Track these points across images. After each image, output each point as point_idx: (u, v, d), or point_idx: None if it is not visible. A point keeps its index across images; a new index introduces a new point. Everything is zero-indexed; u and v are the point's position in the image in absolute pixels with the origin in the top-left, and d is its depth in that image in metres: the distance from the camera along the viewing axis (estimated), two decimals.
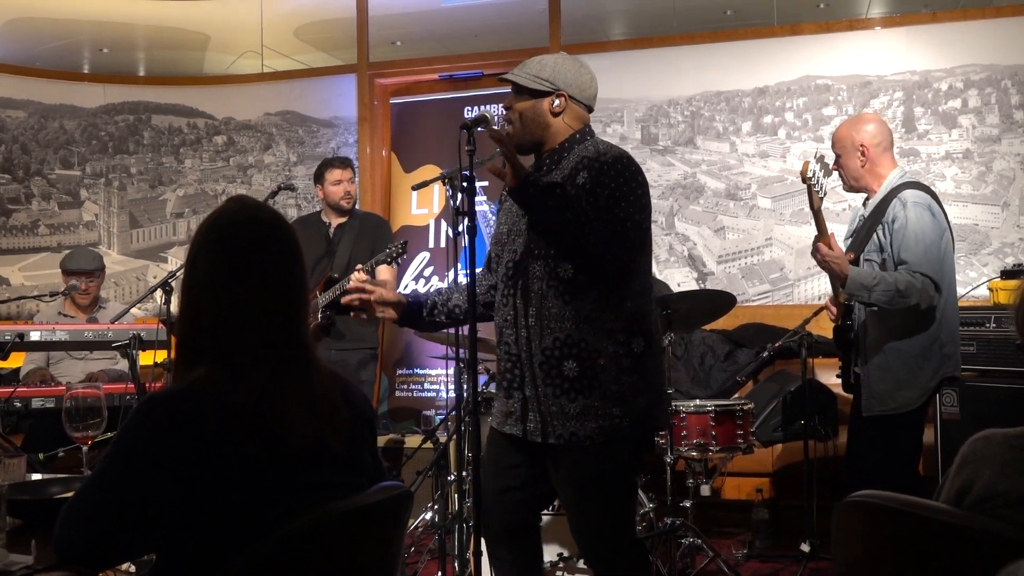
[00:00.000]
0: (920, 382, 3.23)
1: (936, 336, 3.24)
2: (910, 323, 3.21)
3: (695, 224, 5.87)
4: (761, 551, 4.42)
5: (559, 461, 2.52)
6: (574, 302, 2.47)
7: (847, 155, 3.39)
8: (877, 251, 3.27)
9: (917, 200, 3.21)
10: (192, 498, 1.49)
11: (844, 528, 1.66)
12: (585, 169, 2.50)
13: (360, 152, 6.47)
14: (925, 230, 3.17)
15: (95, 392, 2.24)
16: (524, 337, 2.50)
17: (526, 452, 2.59)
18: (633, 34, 6.59)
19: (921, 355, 3.22)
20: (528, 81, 2.57)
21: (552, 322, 2.47)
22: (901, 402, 3.23)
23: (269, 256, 1.64)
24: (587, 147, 2.57)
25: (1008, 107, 5.37)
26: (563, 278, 2.47)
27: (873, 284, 3.10)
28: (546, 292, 2.48)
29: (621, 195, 2.44)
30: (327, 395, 1.62)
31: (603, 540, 2.54)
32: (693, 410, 3.87)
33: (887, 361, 3.24)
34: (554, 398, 2.48)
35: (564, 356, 2.47)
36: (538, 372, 2.49)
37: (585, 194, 2.46)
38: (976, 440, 1.55)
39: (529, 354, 2.50)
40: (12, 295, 6.29)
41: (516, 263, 2.56)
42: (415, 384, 6.30)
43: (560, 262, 2.47)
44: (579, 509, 2.53)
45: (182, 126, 6.95)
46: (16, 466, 2.00)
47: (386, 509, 1.65)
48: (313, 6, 6.67)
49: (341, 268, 4.46)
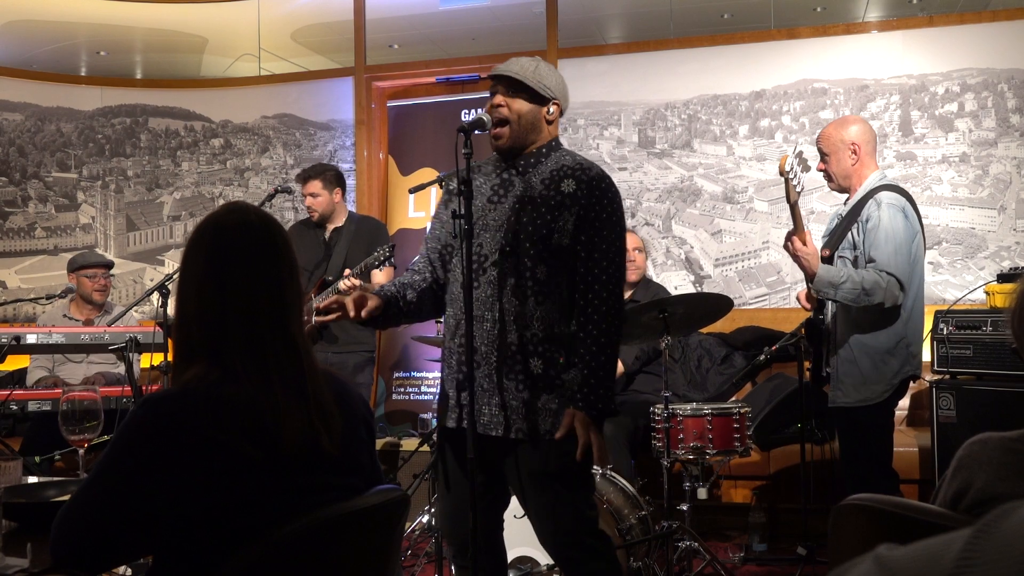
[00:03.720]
0: (885, 378, 3.36)
1: (902, 334, 3.37)
2: (877, 320, 3.34)
3: (692, 227, 5.88)
4: (758, 554, 4.42)
5: (520, 457, 2.54)
6: (545, 303, 2.53)
7: (838, 153, 3.48)
8: (850, 248, 3.39)
9: (892, 202, 3.33)
10: (188, 500, 1.49)
11: (841, 531, 1.66)
12: (571, 179, 2.57)
13: (357, 155, 6.48)
14: (897, 231, 3.29)
15: (92, 395, 2.23)
16: (483, 331, 2.52)
17: (480, 453, 2.54)
18: (630, 37, 6.60)
19: (887, 351, 3.36)
20: (537, 86, 2.60)
21: (522, 320, 2.52)
22: (865, 395, 3.36)
23: (258, 258, 1.65)
24: (563, 155, 2.65)
25: (1005, 111, 5.38)
26: (539, 279, 2.53)
27: (840, 282, 3.23)
28: (518, 291, 2.52)
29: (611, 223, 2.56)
30: (320, 395, 1.63)
31: (569, 532, 2.55)
32: (690, 413, 3.87)
33: (853, 355, 3.38)
34: (517, 392, 2.52)
35: (531, 354, 2.51)
36: (500, 367, 2.52)
37: (572, 203, 2.54)
38: (972, 443, 1.55)
39: (490, 349, 2.52)
40: (9, 298, 6.28)
41: (488, 260, 2.55)
42: (412, 387, 6.29)
43: (538, 264, 2.52)
44: (541, 503, 2.54)
45: (179, 129, 6.95)
46: (12, 469, 1.99)
47: (383, 512, 1.65)
48: (310, 9, 6.68)
49: (336, 271, 4.46)
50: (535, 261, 2.52)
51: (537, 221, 2.53)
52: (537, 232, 2.52)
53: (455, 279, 2.62)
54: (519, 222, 2.54)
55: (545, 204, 2.55)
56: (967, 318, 4.06)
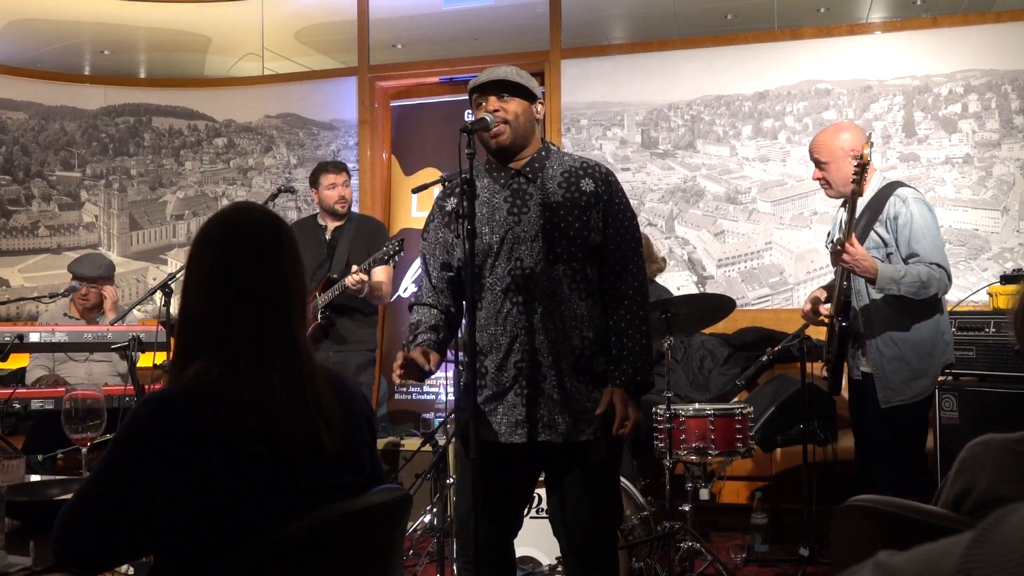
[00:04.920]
0: (932, 371, 3.40)
1: (939, 324, 3.41)
2: (921, 314, 3.36)
3: (695, 228, 5.87)
4: (760, 555, 4.42)
5: (588, 455, 2.57)
6: (594, 302, 2.61)
7: (839, 161, 3.48)
8: (878, 247, 3.39)
9: (916, 196, 3.40)
10: (190, 499, 1.49)
11: (843, 532, 1.66)
12: (588, 178, 2.63)
13: (360, 155, 6.48)
14: (929, 223, 3.36)
15: (94, 394, 2.24)
16: (548, 340, 2.54)
17: (528, 460, 2.61)
18: (633, 38, 6.59)
19: (931, 343, 3.38)
20: (528, 84, 2.63)
21: (581, 322, 2.57)
22: (918, 390, 3.36)
23: (264, 256, 1.65)
24: (562, 157, 2.70)
25: (1008, 112, 5.37)
26: (590, 278, 2.60)
27: (900, 277, 3.26)
28: (569, 295, 2.56)
29: (630, 213, 2.69)
30: (320, 393, 1.63)
31: (607, 528, 2.66)
32: (692, 414, 3.87)
33: (902, 352, 3.37)
34: (589, 393, 2.57)
35: (595, 353, 2.58)
36: (570, 372, 2.55)
37: (596, 200, 2.61)
38: (975, 445, 1.54)
39: (557, 357, 2.54)
40: (12, 296, 6.29)
41: (528, 268, 2.55)
42: (414, 387, 6.29)
43: (584, 265, 2.59)
44: (591, 501, 2.59)
45: (182, 128, 6.95)
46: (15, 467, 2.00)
47: (385, 512, 1.65)
48: (314, 9, 6.68)
49: (340, 269, 4.49)
50: (583, 263, 2.59)
51: (576, 225, 2.58)
52: (579, 235, 2.57)
53: (490, 302, 2.59)
54: (556, 228, 2.57)
55: (576, 207, 2.59)
56: (970, 320, 4.06)
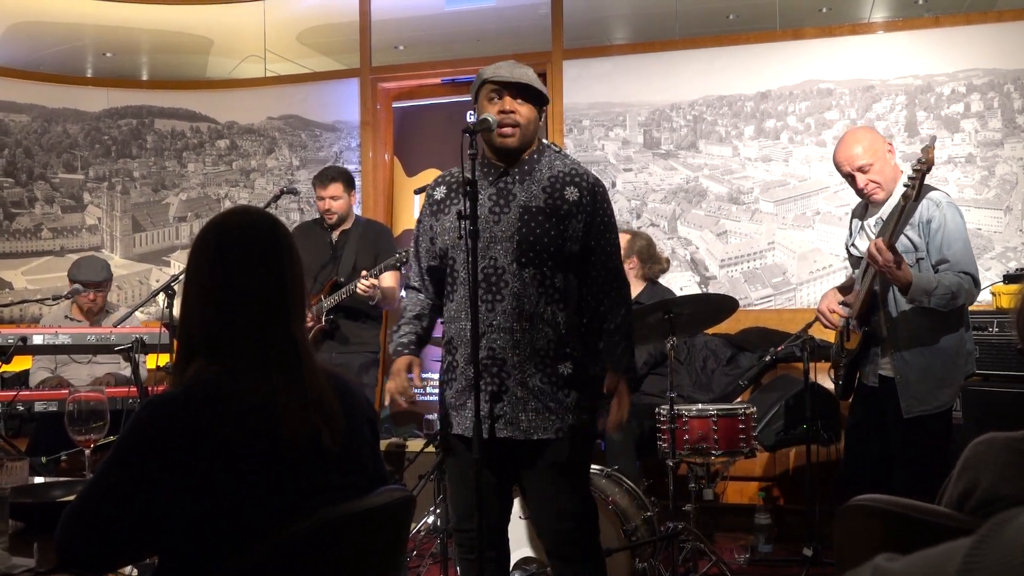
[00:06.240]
0: (957, 380, 3.31)
1: (964, 335, 3.31)
2: (949, 322, 3.25)
3: (697, 228, 5.87)
4: (763, 555, 4.42)
5: (551, 453, 2.63)
6: (566, 308, 2.66)
7: (884, 162, 3.36)
8: (908, 252, 3.24)
9: (949, 201, 3.29)
10: (193, 500, 1.49)
11: (846, 532, 1.66)
12: (573, 186, 2.67)
13: (363, 156, 6.49)
14: (960, 228, 3.25)
15: (98, 396, 2.24)
16: (514, 341, 2.61)
17: (495, 456, 2.65)
18: (636, 38, 6.59)
19: (956, 353, 3.28)
20: (542, 90, 2.69)
21: (546, 326, 2.62)
22: (943, 400, 3.26)
23: (263, 259, 1.67)
24: (552, 160, 2.73)
25: (1011, 111, 5.37)
26: (559, 287, 2.64)
27: (932, 288, 3.13)
28: (541, 300, 2.62)
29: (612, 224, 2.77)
30: (320, 393, 1.63)
31: (582, 526, 2.70)
32: (695, 414, 3.87)
33: (928, 361, 3.25)
34: (553, 394, 2.62)
35: (561, 357, 2.64)
36: (533, 372, 2.61)
37: (579, 210, 2.65)
38: (978, 444, 1.54)
39: (522, 358, 2.61)
40: (15, 299, 6.30)
41: (506, 272, 2.61)
42: (417, 388, 6.26)
43: (556, 272, 2.63)
44: (559, 502, 2.66)
45: (185, 130, 6.96)
46: (19, 469, 2.00)
47: (388, 513, 1.65)
48: (316, 10, 6.69)
49: (346, 273, 4.50)
50: (553, 270, 2.63)
51: (551, 232, 2.61)
52: (553, 242, 2.61)
53: (461, 296, 2.67)
54: (531, 233, 2.61)
55: (555, 214, 2.63)
56: (973, 319, 4.04)
